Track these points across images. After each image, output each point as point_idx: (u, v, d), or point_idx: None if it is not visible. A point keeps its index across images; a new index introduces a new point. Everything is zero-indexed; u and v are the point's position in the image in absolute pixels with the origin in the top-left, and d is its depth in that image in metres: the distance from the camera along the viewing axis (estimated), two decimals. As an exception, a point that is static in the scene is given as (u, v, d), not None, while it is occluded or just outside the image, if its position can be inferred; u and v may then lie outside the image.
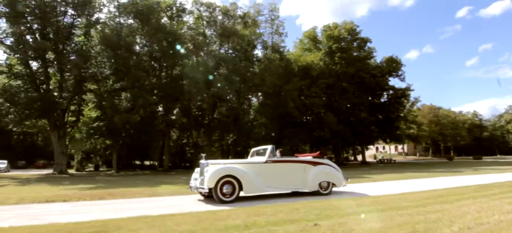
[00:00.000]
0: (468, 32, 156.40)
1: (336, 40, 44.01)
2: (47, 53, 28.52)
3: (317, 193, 8.84)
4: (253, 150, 9.93)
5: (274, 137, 33.84)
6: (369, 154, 63.89)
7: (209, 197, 8.03)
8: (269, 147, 8.69)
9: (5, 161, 35.71)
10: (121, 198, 9.18)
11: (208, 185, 7.42)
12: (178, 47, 32.69)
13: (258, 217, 5.22)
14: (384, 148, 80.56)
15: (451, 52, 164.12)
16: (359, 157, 55.90)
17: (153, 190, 11.31)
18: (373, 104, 46.12)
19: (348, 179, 9.82)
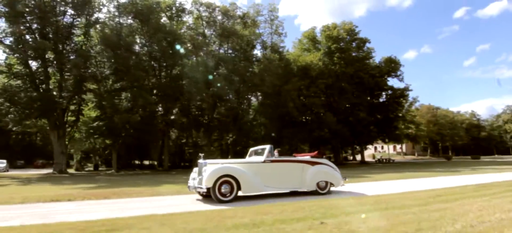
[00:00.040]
0: (466, 33, 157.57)
1: (335, 40, 44.20)
2: (47, 53, 28.51)
3: (315, 193, 8.79)
4: (251, 149, 9.90)
5: (273, 137, 33.95)
6: (367, 153, 64.17)
7: (207, 196, 7.97)
8: (267, 147, 8.64)
9: (4, 161, 35.61)
10: (125, 197, 9.25)
11: (206, 184, 7.38)
12: (177, 47, 32.76)
13: (264, 215, 5.31)
14: (382, 148, 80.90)
15: (449, 52, 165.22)
16: (358, 157, 56.13)
17: (156, 190, 11.37)
18: (372, 104, 46.35)
19: (346, 179, 9.77)
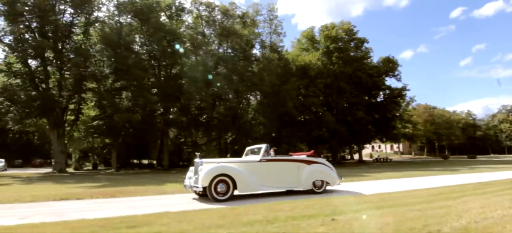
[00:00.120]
0: (462, 33, 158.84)
1: (334, 40, 44.46)
2: (46, 52, 28.43)
3: (311, 192, 8.86)
4: (247, 148, 9.96)
5: (273, 136, 34.14)
6: (365, 152, 64.58)
7: (204, 196, 7.95)
8: (263, 146, 8.70)
9: (2, 160, 35.41)
10: (132, 196, 9.38)
11: (202, 183, 7.41)
12: (177, 46, 32.81)
13: (277, 212, 5.49)
14: (379, 147, 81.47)
15: (445, 52, 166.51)
16: (356, 156, 56.52)
17: (161, 188, 11.51)
18: (370, 104, 46.71)
19: (342, 178, 9.90)
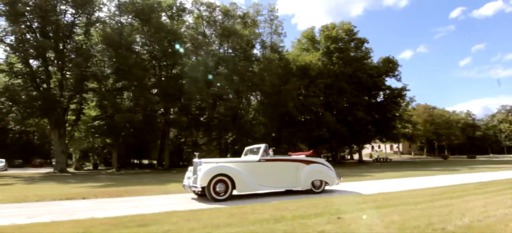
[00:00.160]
0: (461, 33, 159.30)
1: (334, 40, 44.59)
2: (48, 52, 28.51)
3: (310, 192, 8.88)
4: (246, 148, 9.98)
5: (273, 136, 34.24)
6: (364, 152, 64.73)
7: (202, 195, 7.98)
8: (262, 146, 8.71)
9: (3, 160, 35.39)
10: (137, 195, 9.47)
11: (201, 183, 7.43)
12: (178, 46, 32.90)
13: (283, 211, 5.59)
14: (379, 147, 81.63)
15: (444, 52, 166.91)
16: (355, 156, 56.64)
17: (164, 188, 11.62)
18: (370, 104, 46.84)
19: (340, 178, 9.97)
